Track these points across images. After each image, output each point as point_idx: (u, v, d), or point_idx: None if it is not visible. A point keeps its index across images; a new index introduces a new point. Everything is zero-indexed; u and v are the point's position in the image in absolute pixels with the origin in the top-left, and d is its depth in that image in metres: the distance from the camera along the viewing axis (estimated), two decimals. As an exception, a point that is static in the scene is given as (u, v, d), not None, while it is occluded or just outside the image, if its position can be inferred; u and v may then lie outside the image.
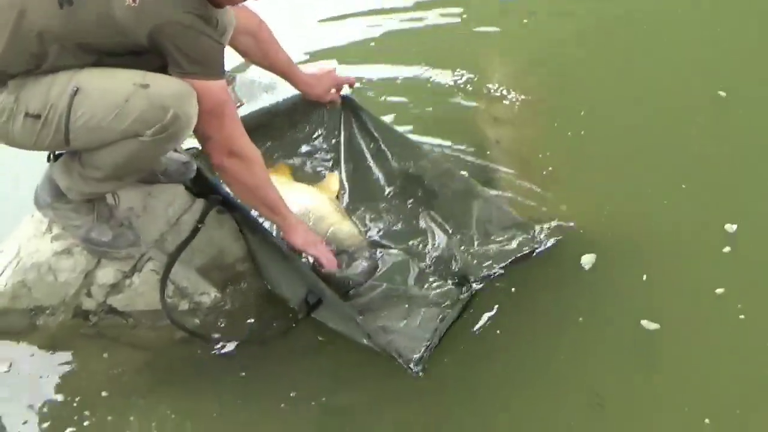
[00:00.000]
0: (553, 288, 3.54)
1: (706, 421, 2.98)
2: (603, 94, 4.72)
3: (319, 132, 4.07)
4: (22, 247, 3.43)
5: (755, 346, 3.26)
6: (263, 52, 3.69)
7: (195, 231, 3.43)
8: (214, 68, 2.93)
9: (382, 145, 3.92)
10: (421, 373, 3.11)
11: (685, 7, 5.42)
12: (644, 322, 3.34)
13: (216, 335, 3.41)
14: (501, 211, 3.66)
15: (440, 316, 3.30)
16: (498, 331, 3.36)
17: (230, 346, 3.35)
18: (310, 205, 3.66)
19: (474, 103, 4.66)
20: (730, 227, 3.69)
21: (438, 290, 3.40)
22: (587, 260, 3.60)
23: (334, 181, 3.89)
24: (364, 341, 3.24)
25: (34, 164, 3.38)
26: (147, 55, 2.87)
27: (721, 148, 4.22)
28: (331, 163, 4.02)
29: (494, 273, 3.45)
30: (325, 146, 4.06)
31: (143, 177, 3.42)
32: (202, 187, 3.57)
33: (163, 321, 3.37)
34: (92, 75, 2.88)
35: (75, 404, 3.20)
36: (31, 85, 2.89)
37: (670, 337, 3.30)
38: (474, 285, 3.41)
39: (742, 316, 3.34)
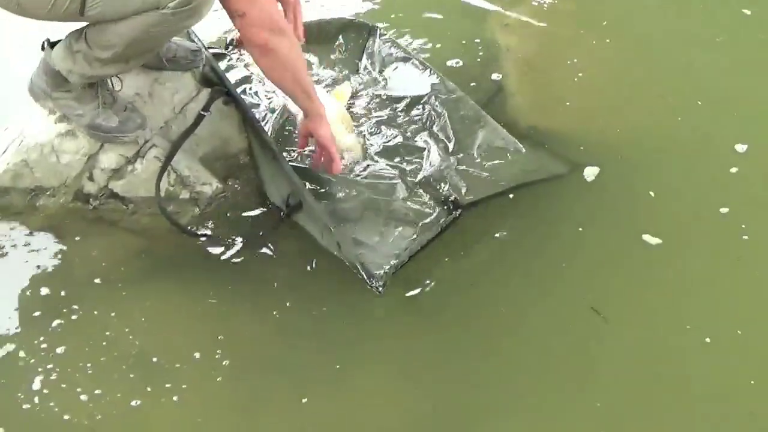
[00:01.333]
0: (554, 197, 3.59)
1: (707, 340, 3.03)
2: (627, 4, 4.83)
3: (343, 47, 4.20)
4: (25, 127, 3.47)
5: (757, 267, 3.30)
6: None
7: (199, 119, 3.45)
8: None
9: (398, 65, 4.02)
10: (381, 290, 3.15)
11: None
12: (646, 237, 3.39)
13: (209, 228, 3.47)
14: (506, 141, 3.70)
15: (414, 235, 3.33)
16: (496, 239, 3.42)
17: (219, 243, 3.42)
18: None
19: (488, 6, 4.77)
20: (741, 147, 3.74)
21: (420, 209, 3.43)
22: (590, 172, 3.65)
23: (346, 89, 3.94)
24: (334, 252, 3.30)
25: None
26: None
27: (742, 67, 4.27)
28: (346, 73, 4.10)
29: (480, 199, 3.49)
30: (343, 59, 4.16)
31: (149, 62, 3.44)
32: (208, 77, 3.61)
33: (163, 208, 3.46)
34: None
35: (68, 288, 3.25)
36: None
37: (671, 253, 3.35)
38: (456, 212, 3.44)
39: (745, 237, 3.38)
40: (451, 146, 3.69)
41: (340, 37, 4.22)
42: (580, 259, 3.36)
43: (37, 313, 3.16)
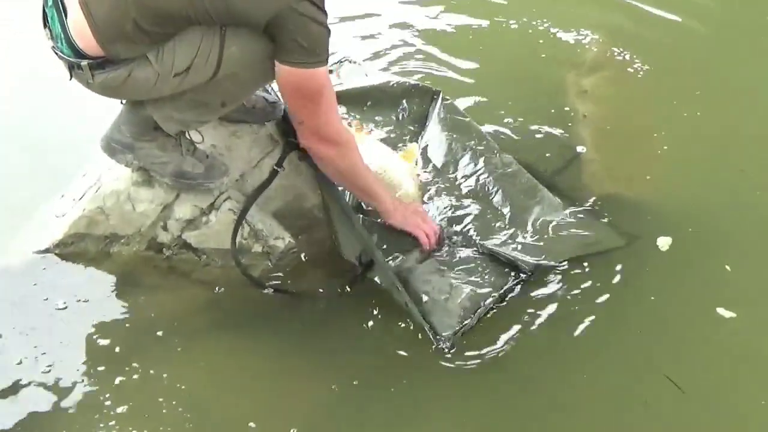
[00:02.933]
0: (627, 265, 3.65)
1: None
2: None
3: (408, 112, 4.32)
4: (103, 174, 3.58)
5: None
6: None
7: (273, 174, 3.58)
8: (321, 57, 3.08)
9: (458, 136, 4.12)
10: (447, 351, 3.24)
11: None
12: (720, 310, 3.44)
13: (277, 282, 3.57)
14: (561, 215, 3.81)
15: (482, 298, 3.41)
16: (566, 304, 3.50)
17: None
18: (388, 165, 3.84)
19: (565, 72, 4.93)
20: None
21: (487, 273, 3.52)
22: (664, 242, 3.72)
23: (414, 150, 4.06)
24: (403, 307, 3.38)
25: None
26: None
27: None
28: (409, 137, 4.22)
29: (548, 264, 3.58)
30: (410, 126, 4.28)
31: (230, 114, 3.57)
32: (286, 131, 3.70)
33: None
34: None
35: (137, 336, 3.34)
36: (168, 51, 3.03)
37: (745, 328, 3.40)
38: (523, 276, 3.54)
39: None
40: (507, 219, 3.78)
41: (404, 101, 4.34)
42: (654, 327, 3.42)
43: (102, 366, 3.25)
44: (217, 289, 3.55)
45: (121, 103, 3.44)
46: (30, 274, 3.52)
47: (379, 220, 3.64)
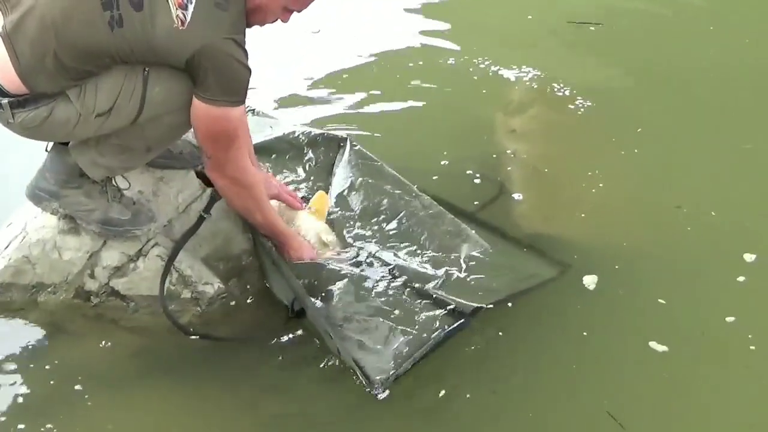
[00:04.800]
0: (556, 304, 3.77)
1: None
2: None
3: (314, 162, 4.39)
4: (28, 223, 3.64)
5: (766, 377, 3.46)
6: None
7: (200, 220, 3.68)
8: (239, 96, 3.21)
9: (373, 181, 4.19)
10: (380, 395, 3.26)
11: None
12: (652, 344, 3.55)
13: (211, 328, 3.64)
14: (490, 256, 3.87)
15: (419, 343, 3.44)
16: (502, 346, 3.59)
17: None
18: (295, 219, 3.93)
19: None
20: (749, 257, 3.94)
21: (424, 318, 3.56)
22: (589, 281, 3.84)
23: (323, 198, 4.07)
24: (335, 353, 3.44)
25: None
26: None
27: (765, 176, 4.58)
28: (317, 188, 4.25)
29: (483, 306, 3.60)
30: (318, 176, 4.35)
31: (156, 159, 3.64)
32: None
33: (164, 307, 3.56)
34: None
35: (68, 384, 3.37)
36: (90, 90, 3.13)
37: (679, 362, 3.51)
38: (460, 321, 3.55)
39: (752, 347, 3.53)
40: (438, 260, 3.84)
41: (310, 151, 4.42)
42: (590, 364, 3.52)
43: (32, 411, 3.30)
44: (146, 335, 3.62)
45: (46, 150, 3.50)
46: (-46, 325, 3.53)
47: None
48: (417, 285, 3.69)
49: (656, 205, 4.39)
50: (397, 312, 3.58)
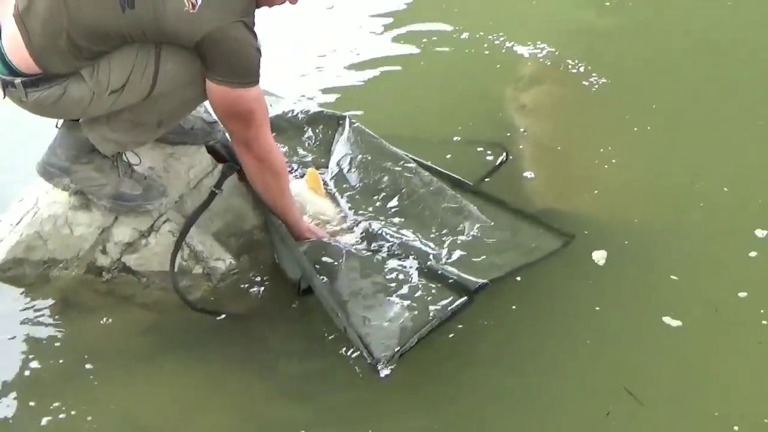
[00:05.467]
0: (565, 279, 3.80)
1: (735, 428, 3.16)
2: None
3: (313, 140, 4.42)
4: (40, 198, 3.68)
5: None
6: None
7: (212, 196, 3.70)
8: (252, 77, 3.23)
9: (372, 158, 4.22)
10: (385, 372, 3.27)
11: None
12: (666, 319, 3.58)
13: (222, 303, 3.69)
14: (493, 231, 3.88)
15: (424, 319, 3.45)
16: (514, 320, 3.63)
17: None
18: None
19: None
20: (761, 233, 3.95)
21: (430, 294, 3.57)
22: (599, 256, 3.86)
23: (314, 174, 4.09)
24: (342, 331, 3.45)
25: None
26: None
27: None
28: (315, 166, 4.26)
29: (488, 282, 3.61)
30: (316, 154, 4.38)
31: (168, 135, 3.70)
32: (224, 152, 3.85)
33: (175, 282, 3.60)
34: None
35: (79, 360, 3.43)
36: (104, 68, 3.17)
37: (693, 336, 3.53)
38: (465, 297, 3.56)
39: (764, 321, 3.55)
40: (440, 236, 3.86)
41: (309, 129, 4.45)
42: (605, 339, 3.54)
43: (44, 385, 3.36)
44: (158, 311, 3.66)
45: (57, 126, 3.54)
46: (-34, 302, 3.56)
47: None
48: (420, 262, 3.71)
49: (669, 181, 4.40)
50: (402, 289, 3.60)
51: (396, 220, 3.95)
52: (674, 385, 3.36)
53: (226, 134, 3.69)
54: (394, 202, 4.03)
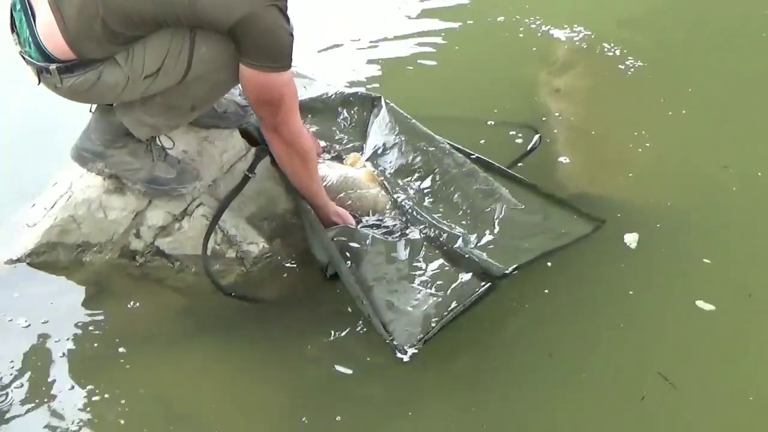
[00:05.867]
0: (598, 263, 3.81)
1: None
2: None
3: (348, 121, 4.41)
4: (74, 182, 3.71)
5: None
6: None
7: (245, 180, 3.74)
8: (284, 62, 3.24)
9: (407, 138, 4.21)
10: (406, 357, 3.30)
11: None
12: (699, 303, 3.59)
13: (256, 287, 3.72)
14: (523, 215, 3.89)
15: (449, 306, 3.48)
16: (546, 304, 3.65)
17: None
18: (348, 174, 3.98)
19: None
20: None
21: (455, 280, 3.60)
22: (631, 239, 3.88)
23: (358, 158, 4.14)
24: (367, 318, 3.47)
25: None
26: None
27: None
28: (351, 146, 4.30)
29: (513, 271, 3.62)
30: (352, 135, 4.37)
31: (202, 119, 3.72)
32: (257, 135, 3.86)
33: (209, 266, 3.62)
34: None
35: (112, 344, 3.46)
36: (138, 53, 3.20)
37: (727, 321, 3.55)
38: (490, 283, 3.59)
39: None
40: (470, 219, 3.88)
41: (344, 110, 4.44)
42: (638, 323, 3.56)
43: (78, 368, 3.40)
44: (190, 295, 3.70)
45: (90, 111, 3.57)
46: (2, 284, 3.67)
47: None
48: (448, 246, 3.73)
49: (703, 165, 4.40)
50: (427, 274, 3.63)
51: (427, 200, 3.96)
52: (708, 369, 3.38)
53: None
54: (426, 183, 4.03)
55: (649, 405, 3.23)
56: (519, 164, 4.32)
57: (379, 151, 4.17)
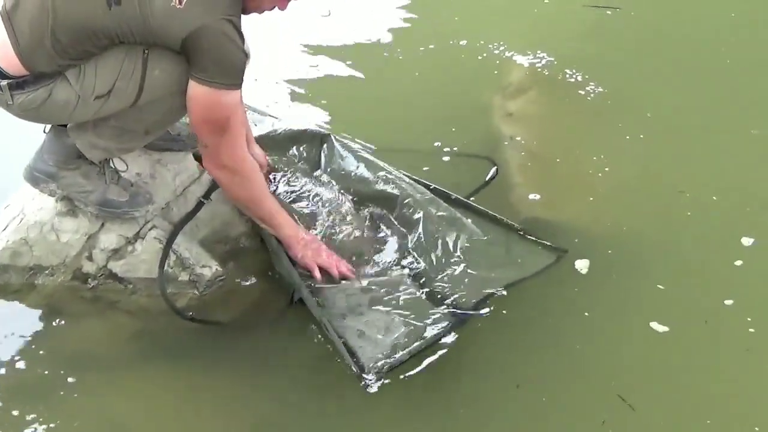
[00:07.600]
0: (551, 289, 3.89)
1: None
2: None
3: (298, 158, 4.44)
4: (26, 205, 3.74)
5: (766, 360, 3.56)
6: None
7: (199, 205, 3.81)
8: (235, 79, 3.27)
9: (360, 172, 4.27)
10: (372, 386, 3.36)
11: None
12: (653, 324, 3.67)
13: (207, 311, 3.75)
14: (486, 246, 3.97)
15: (417, 335, 3.55)
16: (506, 329, 3.71)
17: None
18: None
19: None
20: (747, 240, 4.05)
21: (422, 309, 3.67)
22: (582, 265, 3.96)
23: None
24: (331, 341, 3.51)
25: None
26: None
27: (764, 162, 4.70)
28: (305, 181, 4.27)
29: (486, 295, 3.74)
30: (303, 169, 4.38)
31: (154, 142, 3.76)
32: None
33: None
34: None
35: (64, 367, 3.49)
36: (90, 72, 3.23)
37: (681, 342, 3.64)
38: (458, 319, 3.65)
39: (752, 329, 3.65)
40: (436, 248, 3.95)
41: (293, 147, 4.45)
42: (596, 342, 3.64)
43: (28, 393, 3.41)
44: (144, 318, 3.73)
45: (44, 132, 3.60)
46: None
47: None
48: (415, 277, 3.82)
49: (659, 190, 4.50)
50: (397, 304, 3.71)
51: (393, 229, 4.07)
52: (665, 390, 3.45)
53: None
54: (395, 211, 4.10)
55: (610, 429, 3.31)
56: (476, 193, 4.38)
57: (338, 185, 4.24)
